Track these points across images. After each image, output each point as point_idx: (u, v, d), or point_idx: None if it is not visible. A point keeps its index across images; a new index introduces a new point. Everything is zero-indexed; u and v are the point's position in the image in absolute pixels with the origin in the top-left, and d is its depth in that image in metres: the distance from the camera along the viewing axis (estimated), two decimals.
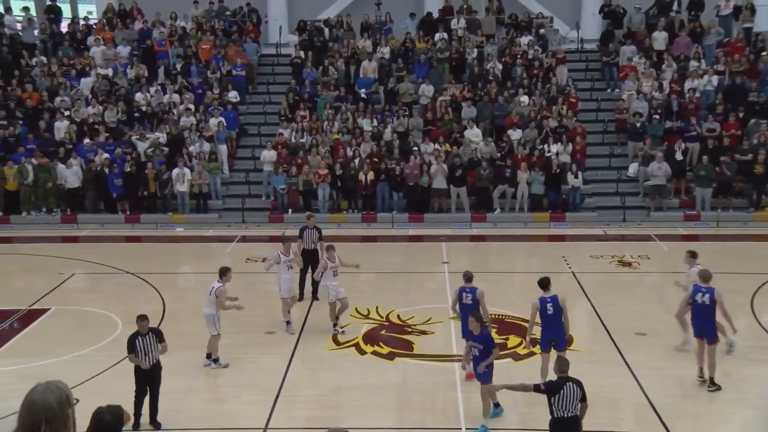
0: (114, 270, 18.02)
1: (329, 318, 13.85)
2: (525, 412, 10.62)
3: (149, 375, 10.36)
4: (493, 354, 10.11)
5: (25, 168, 22.32)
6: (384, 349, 13.14)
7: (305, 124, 24.38)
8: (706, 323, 11.24)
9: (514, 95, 24.86)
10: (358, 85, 25.99)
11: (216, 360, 12.42)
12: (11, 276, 17.70)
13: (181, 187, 22.39)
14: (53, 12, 29.55)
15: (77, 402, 3.97)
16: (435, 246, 20.09)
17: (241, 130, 25.49)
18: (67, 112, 24.67)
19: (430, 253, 19.69)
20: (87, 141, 23.45)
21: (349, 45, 27.18)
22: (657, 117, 23.77)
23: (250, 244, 20.60)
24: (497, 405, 10.49)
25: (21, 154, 22.66)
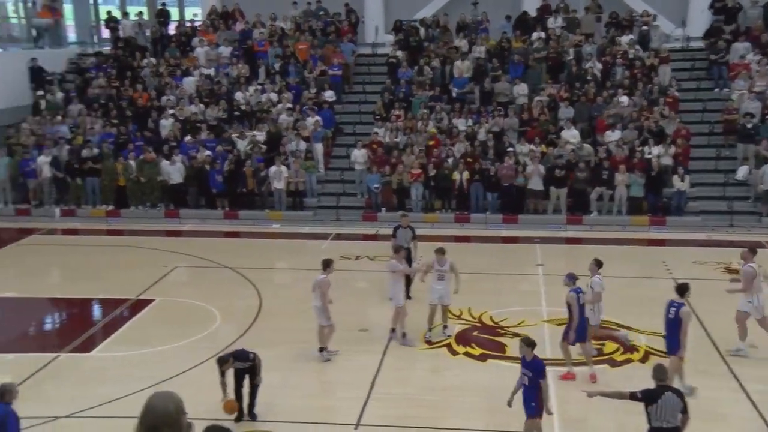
0: (214, 264, 18.59)
1: (426, 322, 13.57)
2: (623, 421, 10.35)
3: (247, 369, 10.68)
4: (543, 388, 9.21)
5: (129, 164, 23.33)
6: (476, 351, 13.10)
7: (400, 123, 24.53)
8: None
9: (613, 95, 24.25)
10: (453, 85, 25.94)
11: (322, 350, 12.69)
12: (121, 267, 18.51)
13: (278, 185, 22.89)
14: (163, 15, 30.96)
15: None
16: (529, 248, 19.81)
17: (337, 129, 25.85)
18: (172, 110, 25.67)
19: (523, 255, 19.42)
20: (189, 138, 24.33)
21: (446, 45, 27.13)
22: None
23: (343, 241, 20.84)
24: None
25: (130, 150, 23.72)
